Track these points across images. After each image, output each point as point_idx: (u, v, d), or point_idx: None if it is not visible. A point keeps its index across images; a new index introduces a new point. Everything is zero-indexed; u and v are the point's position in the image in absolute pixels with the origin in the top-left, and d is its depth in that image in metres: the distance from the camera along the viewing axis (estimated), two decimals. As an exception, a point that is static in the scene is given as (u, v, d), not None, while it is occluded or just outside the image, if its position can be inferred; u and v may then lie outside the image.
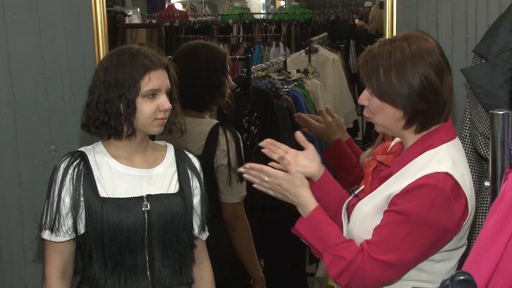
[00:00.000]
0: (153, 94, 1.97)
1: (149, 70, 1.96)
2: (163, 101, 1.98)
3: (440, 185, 1.75)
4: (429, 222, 1.75)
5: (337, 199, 2.04)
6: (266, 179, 1.94)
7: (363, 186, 2.00)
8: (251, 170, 1.97)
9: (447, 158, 1.81)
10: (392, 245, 1.76)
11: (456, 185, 1.77)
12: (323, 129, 2.69)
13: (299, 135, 2.06)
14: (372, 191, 1.92)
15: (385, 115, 1.85)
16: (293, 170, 1.93)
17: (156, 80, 1.97)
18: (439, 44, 1.88)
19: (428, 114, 1.82)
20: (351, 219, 1.94)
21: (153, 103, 1.97)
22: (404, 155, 1.88)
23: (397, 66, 1.79)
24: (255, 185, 1.99)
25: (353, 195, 2.02)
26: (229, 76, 2.96)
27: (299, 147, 2.09)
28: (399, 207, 1.77)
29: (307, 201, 1.90)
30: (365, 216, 1.87)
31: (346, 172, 2.61)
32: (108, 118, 1.95)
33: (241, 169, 2.01)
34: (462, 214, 1.79)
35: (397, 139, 2.05)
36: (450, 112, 1.90)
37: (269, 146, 2.04)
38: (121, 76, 1.95)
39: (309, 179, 2.00)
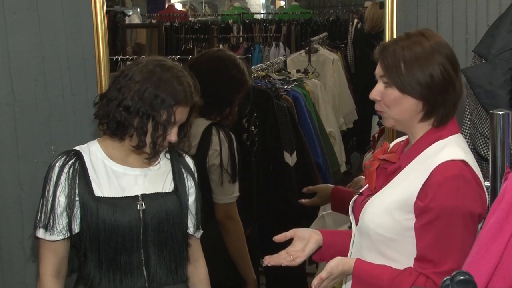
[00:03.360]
0: None
1: (181, 104, 1.97)
2: (173, 134, 2.00)
3: (462, 173, 1.77)
4: (467, 212, 1.75)
5: (348, 237, 2.06)
6: (324, 284, 1.90)
7: (367, 185, 2.01)
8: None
9: (458, 147, 1.85)
10: (447, 251, 1.75)
11: (472, 172, 1.80)
12: (320, 197, 2.79)
13: (278, 238, 2.07)
14: (380, 187, 1.93)
15: (403, 108, 1.86)
16: (324, 273, 1.89)
17: (180, 114, 1.99)
18: None
19: (447, 107, 1.86)
20: (362, 216, 1.94)
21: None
22: (413, 148, 1.90)
23: (419, 58, 1.83)
24: None
25: (357, 194, 2.03)
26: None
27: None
28: (435, 212, 1.76)
29: (347, 265, 1.88)
30: (382, 212, 1.86)
31: None
32: (129, 126, 1.95)
33: None
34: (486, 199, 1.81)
35: (396, 140, 2.06)
36: None
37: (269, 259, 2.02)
38: (159, 100, 1.93)
39: (319, 248, 2.04)
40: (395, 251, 1.86)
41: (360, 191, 2.03)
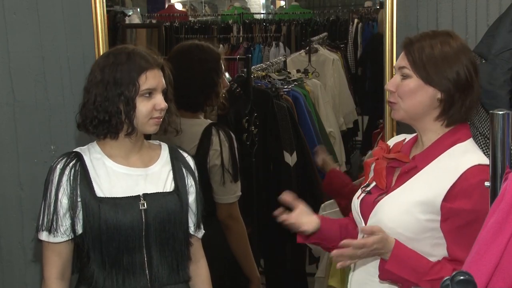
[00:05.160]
0: (149, 93, 1.98)
1: (146, 69, 1.97)
2: (159, 100, 1.99)
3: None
4: None
5: (338, 229, 2.08)
6: (359, 252, 1.81)
7: (374, 183, 1.99)
8: (344, 255, 1.81)
9: (480, 151, 1.86)
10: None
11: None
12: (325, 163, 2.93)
13: (285, 198, 2.07)
14: (390, 186, 1.92)
15: (418, 100, 1.87)
16: (378, 231, 1.84)
17: (153, 79, 1.98)
18: None
19: (463, 108, 1.87)
20: (375, 215, 1.92)
21: (149, 102, 1.98)
22: (430, 149, 1.90)
23: (448, 56, 1.84)
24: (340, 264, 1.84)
25: (364, 192, 2.00)
26: (223, 77, 2.93)
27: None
28: (470, 216, 1.77)
29: (388, 242, 1.83)
30: (404, 211, 1.85)
31: (342, 197, 2.78)
32: (109, 116, 1.96)
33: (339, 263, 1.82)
34: None
35: (394, 139, 2.05)
36: None
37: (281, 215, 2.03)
38: (119, 75, 1.95)
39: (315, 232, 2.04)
40: None
41: (367, 189, 2.00)
